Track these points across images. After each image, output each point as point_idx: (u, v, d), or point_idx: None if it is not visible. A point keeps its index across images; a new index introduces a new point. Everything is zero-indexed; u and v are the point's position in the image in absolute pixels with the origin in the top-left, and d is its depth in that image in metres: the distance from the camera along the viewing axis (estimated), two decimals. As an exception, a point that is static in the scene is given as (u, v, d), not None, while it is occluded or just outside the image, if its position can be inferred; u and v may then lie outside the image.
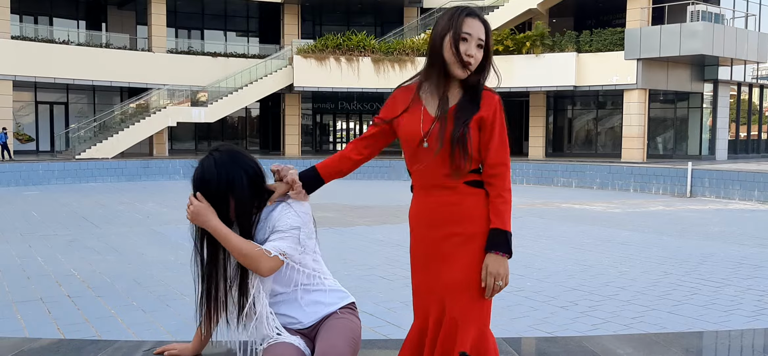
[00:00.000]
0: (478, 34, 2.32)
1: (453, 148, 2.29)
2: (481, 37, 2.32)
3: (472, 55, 2.30)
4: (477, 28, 2.32)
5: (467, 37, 2.31)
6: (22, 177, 20.82)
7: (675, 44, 24.71)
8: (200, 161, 2.47)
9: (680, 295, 7.02)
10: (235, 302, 2.50)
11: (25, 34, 28.32)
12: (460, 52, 2.29)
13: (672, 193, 19.44)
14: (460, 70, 2.31)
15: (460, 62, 2.30)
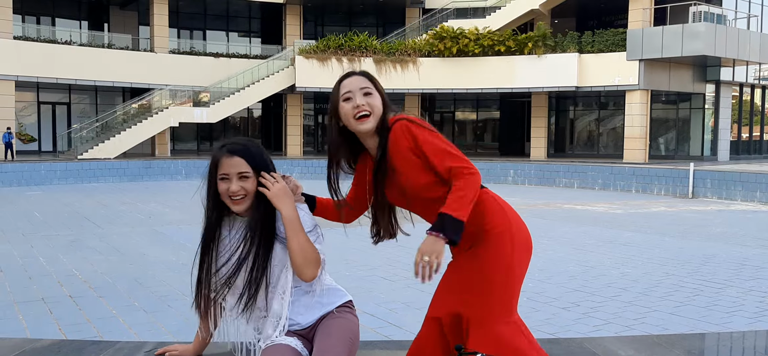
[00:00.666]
0: (357, 86, 2.39)
1: (377, 215, 2.50)
2: (362, 86, 2.39)
3: (361, 105, 2.37)
4: (354, 83, 2.41)
5: (350, 97, 2.38)
6: (24, 177, 20.86)
7: (677, 45, 24.70)
8: (243, 142, 2.46)
9: (682, 296, 7.01)
10: (245, 290, 2.43)
11: (27, 35, 28.36)
12: (347, 111, 2.38)
13: (674, 194, 19.42)
14: (358, 125, 2.38)
15: (352, 119, 2.38)
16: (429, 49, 28.63)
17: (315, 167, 25.42)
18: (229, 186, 2.39)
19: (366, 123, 2.36)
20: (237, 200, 2.39)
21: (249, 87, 29.09)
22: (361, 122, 2.36)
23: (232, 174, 2.38)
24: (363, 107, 2.35)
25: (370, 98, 2.37)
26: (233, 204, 2.40)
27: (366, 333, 5.58)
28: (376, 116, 2.37)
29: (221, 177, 2.39)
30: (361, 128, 2.37)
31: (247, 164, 2.39)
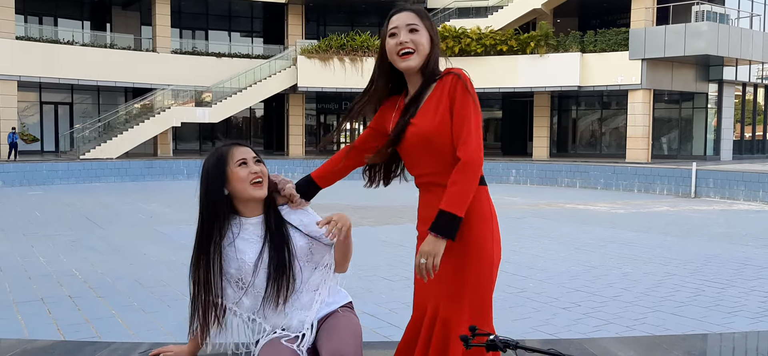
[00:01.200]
0: (404, 22, 2.32)
1: (388, 146, 2.37)
2: (408, 22, 2.32)
3: (405, 42, 2.30)
4: (401, 18, 2.33)
5: (395, 33, 2.32)
6: (26, 177, 20.86)
7: (680, 44, 24.63)
8: (220, 144, 2.54)
9: (683, 296, 6.98)
10: (277, 289, 2.45)
11: (29, 35, 28.36)
12: (391, 47, 2.32)
13: (676, 193, 19.37)
14: (400, 62, 2.32)
15: (396, 56, 2.32)
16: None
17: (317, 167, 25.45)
18: (250, 168, 2.43)
19: (409, 60, 2.29)
20: (259, 182, 2.43)
21: (251, 87, 29.08)
22: (404, 59, 2.30)
23: (249, 158, 2.44)
24: (407, 44, 2.28)
25: (416, 34, 2.30)
26: (257, 187, 2.43)
27: (366, 334, 5.54)
28: (420, 54, 2.30)
29: (240, 162, 2.42)
30: (404, 65, 2.31)
31: (254, 152, 2.49)
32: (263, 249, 2.44)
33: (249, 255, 2.44)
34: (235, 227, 2.48)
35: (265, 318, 2.49)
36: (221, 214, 2.44)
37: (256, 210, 2.48)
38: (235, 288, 2.50)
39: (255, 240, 2.46)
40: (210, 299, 2.48)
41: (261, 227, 2.47)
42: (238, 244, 2.46)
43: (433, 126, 2.26)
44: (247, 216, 2.48)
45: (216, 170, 2.44)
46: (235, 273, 2.46)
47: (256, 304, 2.48)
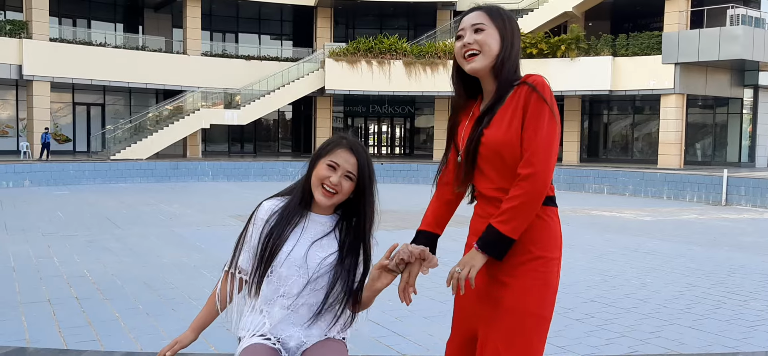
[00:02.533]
0: (470, 22, 2.18)
1: (466, 159, 2.18)
2: (474, 22, 2.17)
3: (468, 43, 2.15)
4: (469, 19, 2.20)
5: (462, 34, 2.20)
6: (53, 177, 21.20)
7: (714, 49, 24.08)
8: (363, 147, 2.44)
9: (703, 309, 6.72)
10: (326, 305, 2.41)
11: (63, 37, 28.92)
12: (457, 50, 2.22)
13: (707, 201, 18.89)
14: (465, 64, 2.18)
15: (461, 58, 2.20)
16: (460, 52, 28.41)
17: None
18: (331, 176, 2.33)
19: (473, 62, 2.16)
20: (330, 192, 2.33)
21: (280, 89, 29.23)
22: (469, 61, 2.16)
23: (342, 168, 2.34)
24: (471, 46, 2.15)
25: (481, 34, 2.16)
26: (324, 194, 2.35)
27: (369, 343, 5.44)
28: (486, 55, 2.15)
29: (330, 164, 2.34)
30: (468, 67, 2.18)
31: (357, 168, 2.36)
32: (311, 250, 2.37)
33: (289, 244, 2.36)
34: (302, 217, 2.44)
35: (270, 314, 2.39)
36: (305, 195, 2.41)
37: (325, 211, 2.43)
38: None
39: (305, 235, 2.39)
40: (257, 280, 2.41)
41: (320, 229, 2.41)
42: (289, 232, 2.40)
43: (504, 138, 2.10)
44: (314, 212, 2.43)
45: (316, 153, 2.41)
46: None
47: (273, 296, 2.38)
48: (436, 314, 6.35)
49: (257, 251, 2.39)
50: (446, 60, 28.39)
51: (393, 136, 38.25)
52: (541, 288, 2.12)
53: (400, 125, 38.03)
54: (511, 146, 2.10)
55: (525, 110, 2.09)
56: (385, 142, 37.95)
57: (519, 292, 2.12)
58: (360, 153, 2.37)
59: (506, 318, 2.12)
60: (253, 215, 2.45)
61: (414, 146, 37.35)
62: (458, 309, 2.31)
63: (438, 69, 28.41)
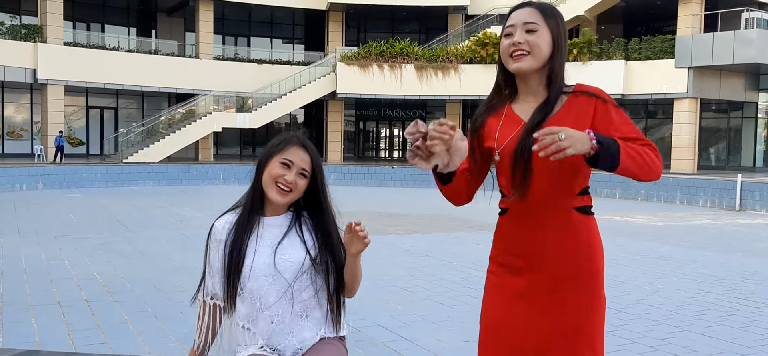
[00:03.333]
0: (522, 20, 2.06)
1: (515, 162, 2.04)
2: (527, 20, 2.05)
3: (519, 43, 2.04)
4: (520, 16, 2.07)
5: (511, 32, 2.08)
6: (66, 180, 21.35)
7: (728, 52, 23.89)
8: (313, 143, 2.39)
9: (716, 315, 6.64)
10: (310, 305, 2.37)
11: (77, 41, 29.14)
12: (504, 48, 2.10)
13: (720, 206, 18.73)
14: (511, 63, 2.07)
15: (507, 57, 2.08)
16: (471, 56, 28.36)
17: (355, 173, 25.43)
18: (285, 174, 2.29)
19: (521, 62, 2.04)
20: (284, 190, 2.29)
21: (291, 93, 29.31)
22: (516, 61, 2.04)
23: (296, 165, 2.30)
24: (521, 46, 2.03)
25: (533, 35, 2.03)
26: (278, 192, 2.30)
27: (376, 348, 5.42)
28: (536, 57, 2.04)
29: (284, 161, 2.30)
30: (514, 66, 2.05)
31: (311, 165, 2.34)
32: (276, 254, 2.32)
33: (250, 257, 2.31)
34: (256, 225, 2.38)
35: (257, 329, 2.34)
36: (256, 199, 2.36)
37: (279, 210, 2.37)
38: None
39: (264, 242, 2.33)
40: (231, 301, 2.35)
41: (276, 232, 2.35)
42: (249, 243, 2.34)
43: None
44: (265, 215, 2.37)
45: (267, 153, 2.36)
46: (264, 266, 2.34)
47: (252, 312, 2.33)
48: (445, 319, 6.33)
49: (223, 273, 2.34)
50: (458, 64, 28.34)
51: (404, 140, 38.23)
52: (601, 300, 2.11)
53: (412, 129, 37.95)
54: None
55: (594, 118, 2.02)
56: (396, 146, 37.93)
57: (590, 310, 2.08)
58: (311, 150, 2.35)
59: (574, 340, 2.07)
60: (209, 239, 2.42)
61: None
62: (497, 339, 2.16)
63: (449, 73, 28.38)
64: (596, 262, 2.09)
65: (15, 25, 27.33)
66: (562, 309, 2.06)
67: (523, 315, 2.09)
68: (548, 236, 2.04)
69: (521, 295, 2.09)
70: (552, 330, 2.06)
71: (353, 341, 5.42)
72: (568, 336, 2.05)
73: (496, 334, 2.15)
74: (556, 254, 2.05)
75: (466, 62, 28.39)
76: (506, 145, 2.07)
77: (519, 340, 2.10)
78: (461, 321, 6.27)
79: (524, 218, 2.09)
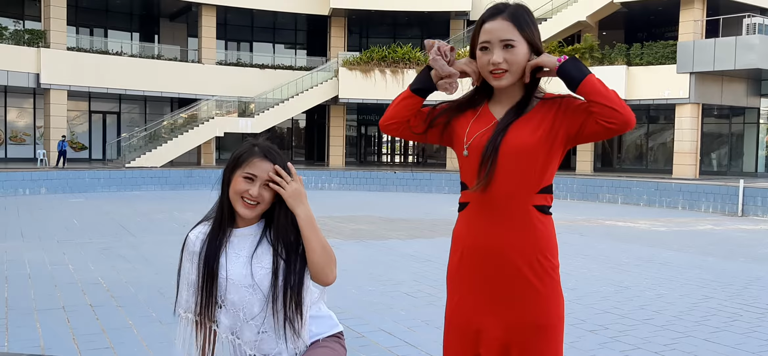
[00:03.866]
0: (498, 36, 2.09)
1: (484, 156, 2.10)
2: (503, 38, 2.08)
3: (497, 62, 2.08)
4: (495, 31, 2.10)
5: (488, 46, 2.10)
6: (69, 184, 21.39)
7: (730, 58, 23.91)
8: (276, 149, 2.34)
9: (719, 321, 6.64)
10: (291, 311, 2.29)
11: (80, 46, 29.22)
12: (483, 64, 2.14)
13: (722, 212, 18.72)
14: (492, 80, 2.12)
15: (487, 73, 2.13)
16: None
17: (357, 178, 25.43)
18: (249, 188, 2.26)
19: (501, 80, 2.11)
20: (251, 204, 2.26)
21: (293, 98, 29.36)
22: (496, 78, 2.11)
23: (259, 178, 2.26)
24: (500, 65, 2.09)
25: (511, 52, 2.09)
26: (245, 207, 2.27)
27: (380, 353, 5.42)
28: (513, 73, 2.11)
29: (247, 176, 2.26)
30: (495, 84, 2.13)
31: (277, 170, 2.28)
32: (253, 265, 2.29)
33: (229, 271, 2.28)
34: (227, 236, 2.35)
35: (244, 339, 2.33)
36: (225, 212, 2.33)
37: (249, 221, 2.34)
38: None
39: (239, 255, 2.31)
40: (209, 313, 2.32)
41: (250, 241, 2.32)
42: (220, 256, 2.31)
43: (530, 141, 2.08)
44: (238, 226, 2.34)
45: (229, 165, 2.33)
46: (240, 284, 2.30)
47: (235, 324, 2.32)
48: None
49: (198, 285, 2.31)
50: (460, 69, 28.36)
51: (405, 145, 38.26)
52: (560, 297, 2.16)
53: (413, 134, 38.00)
54: (533, 152, 2.09)
55: (558, 110, 2.11)
56: (397, 150, 37.95)
57: (551, 304, 2.13)
58: (275, 157, 2.30)
59: (537, 334, 2.12)
60: (182, 251, 2.39)
61: (426, 154, 37.36)
62: (461, 330, 2.22)
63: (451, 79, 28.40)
64: (553, 259, 2.14)
65: (18, 30, 27.42)
66: (523, 303, 2.10)
67: (485, 305, 2.15)
68: (507, 231, 2.10)
69: (483, 285, 2.15)
70: (516, 322, 2.11)
71: (357, 346, 5.43)
72: (532, 331, 2.11)
73: (460, 324, 2.21)
74: (514, 248, 2.10)
75: (468, 67, 28.40)
76: (474, 140, 2.14)
77: (483, 329, 2.15)
78: (465, 326, 6.26)
79: (484, 211, 2.14)
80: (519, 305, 2.12)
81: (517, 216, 2.11)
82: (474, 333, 2.18)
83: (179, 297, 2.40)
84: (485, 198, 2.14)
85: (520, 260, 2.11)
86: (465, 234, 2.21)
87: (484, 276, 2.15)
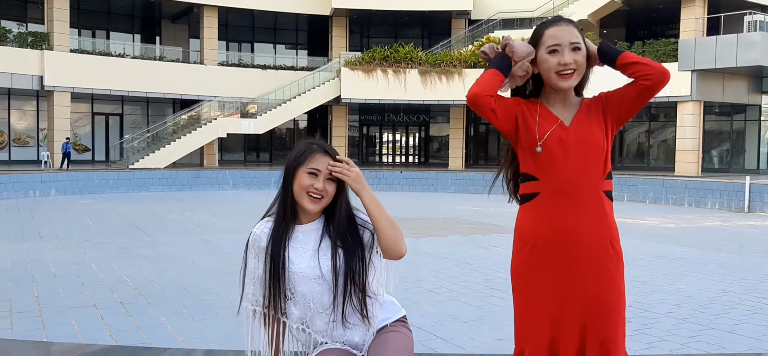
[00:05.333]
0: (568, 39, 2.25)
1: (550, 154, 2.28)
2: (573, 41, 2.25)
3: (568, 63, 2.25)
4: (564, 34, 2.27)
5: (557, 49, 2.25)
6: (78, 186, 21.44)
7: (731, 55, 24.03)
8: (332, 147, 2.47)
9: (739, 314, 6.75)
10: (355, 301, 2.39)
11: (83, 48, 29.25)
12: (551, 65, 2.28)
13: (729, 208, 18.85)
14: (559, 81, 2.27)
15: (554, 74, 2.27)
16: (474, 61, 28.48)
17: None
18: (314, 182, 2.36)
19: (570, 81, 2.27)
20: (317, 198, 2.37)
21: (295, 98, 29.41)
22: (565, 79, 2.26)
23: (323, 172, 2.37)
24: (570, 65, 2.24)
25: (579, 53, 2.26)
26: (312, 202, 2.37)
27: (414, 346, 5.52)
28: (580, 74, 2.29)
29: (311, 171, 2.37)
30: (564, 85, 2.28)
31: (334, 162, 2.41)
32: (319, 257, 2.39)
33: (297, 265, 2.39)
34: (291, 232, 2.44)
35: (314, 328, 2.44)
36: (289, 210, 2.41)
37: (312, 217, 2.44)
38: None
39: (305, 249, 2.41)
40: (279, 305, 2.41)
41: (315, 236, 2.42)
42: (289, 252, 2.41)
43: (597, 133, 2.26)
44: (301, 223, 2.44)
45: (292, 165, 2.42)
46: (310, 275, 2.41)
47: (306, 314, 2.43)
48: (475, 318, 6.44)
49: (266, 280, 2.41)
50: (462, 69, 28.47)
51: (407, 145, 38.34)
52: (624, 280, 2.29)
53: (415, 134, 38.12)
54: (599, 142, 2.26)
55: (602, 104, 2.32)
56: (399, 150, 38.02)
57: (622, 288, 2.26)
58: (333, 153, 2.42)
59: (612, 318, 2.23)
60: (248, 246, 2.48)
61: (429, 154, 37.44)
62: (538, 317, 2.32)
63: (453, 78, 28.50)
64: (619, 247, 2.29)
65: (22, 32, 27.43)
66: (599, 287, 2.21)
67: (562, 290, 2.25)
68: (583, 218, 2.21)
69: (562, 271, 2.24)
70: (593, 305, 2.22)
71: (392, 340, 5.52)
72: (606, 312, 2.21)
73: (534, 312, 2.30)
74: (592, 233, 2.23)
75: (470, 67, 28.50)
76: (547, 138, 2.27)
77: (562, 314, 2.25)
78: (492, 320, 6.37)
79: (560, 201, 2.25)
80: (595, 289, 2.22)
81: (591, 203, 2.24)
82: (551, 320, 2.28)
83: (245, 292, 2.49)
84: (561, 189, 2.26)
85: (598, 246, 2.24)
86: (536, 224, 2.30)
87: (561, 262, 2.25)
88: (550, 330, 2.28)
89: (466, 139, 31.56)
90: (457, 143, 31.08)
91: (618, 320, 2.22)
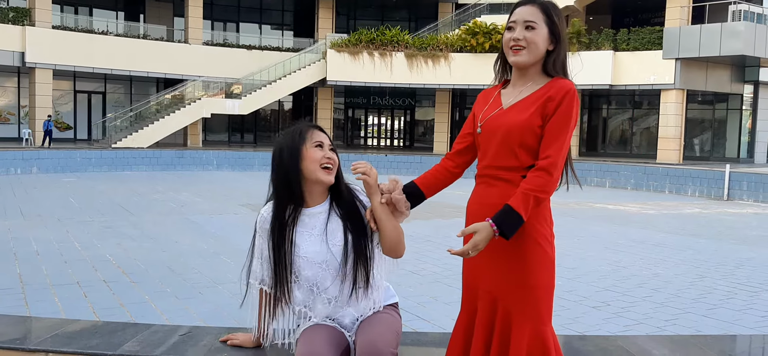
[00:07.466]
0: (522, 17, 2.30)
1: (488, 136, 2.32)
2: (527, 18, 2.29)
3: (517, 38, 2.29)
4: (522, 13, 2.32)
5: (513, 27, 2.32)
6: (60, 164, 21.27)
7: (715, 44, 24.24)
8: (299, 122, 2.52)
9: (716, 299, 6.89)
10: (360, 280, 2.46)
11: (65, 24, 28.88)
12: (505, 40, 2.34)
13: (708, 195, 19.10)
14: (510, 55, 2.32)
15: (508, 49, 2.33)
16: (461, 45, 28.51)
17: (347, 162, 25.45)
18: (324, 153, 2.43)
19: (517, 56, 2.29)
20: (330, 168, 2.43)
21: (281, 80, 29.28)
22: (515, 54, 2.29)
23: (325, 143, 2.44)
24: (519, 41, 2.27)
25: (532, 32, 2.27)
26: (327, 173, 2.42)
27: (394, 326, 5.59)
28: (531, 52, 2.28)
29: (317, 143, 2.42)
30: (512, 59, 2.31)
31: (330, 139, 2.50)
32: (326, 240, 2.45)
33: (304, 250, 2.44)
34: (298, 216, 2.49)
35: (315, 311, 2.50)
36: (296, 193, 2.43)
37: (319, 199, 2.48)
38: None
39: (312, 233, 2.45)
40: (284, 289, 2.47)
41: (322, 218, 2.47)
42: (296, 237, 2.45)
43: (519, 120, 2.25)
44: (308, 206, 2.47)
45: (292, 146, 2.42)
46: (317, 257, 2.46)
47: (308, 298, 2.48)
48: (456, 300, 6.48)
49: (272, 262, 2.47)
50: (448, 53, 28.49)
51: (392, 128, 38.36)
52: (545, 263, 2.30)
53: (400, 117, 38.14)
54: (522, 131, 2.25)
55: (556, 105, 2.23)
56: (384, 134, 38.03)
57: (535, 269, 2.29)
58: (322, 128, 2.50)
59: (518, 292, 2.28)
60: (256, 226, 2.53)
61: (414, 138, 37.47)
62: (468, 276, 2.44)
63: (439, 62, 28.52)
64: (541, 228, 2.30)
65: (3, 8, 27.03)
66: (509, 265, 2.28)
67: (480, 264, 2.34)
68: (503, 196, 2.25)
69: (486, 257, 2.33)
70: (502, 281, 2.29)
71: (375, 320, 5.59)
72: (515, 290, 2.27)
73: (466, 280, 2.43)
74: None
75: (456, 51, 28.53)
76: (487, 121, 2.34)
77: (479, 286, 2.35)
78: (474, 302, 6.45)
79: (483, 184, 2.37)
80: (505, 267, 2.30)
81: (512, 185, 2.29)
82: (474, 289, 2.39)
83: (252, 267, 2.56)
84: (485, 170, 2.37)
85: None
86: (470, 201, 2.44)
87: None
88: (474, 299, 2.38)
89: (451, 123, 31.61)
90: (442, 126, 31.13)
91: (527, 299, 2.26)
